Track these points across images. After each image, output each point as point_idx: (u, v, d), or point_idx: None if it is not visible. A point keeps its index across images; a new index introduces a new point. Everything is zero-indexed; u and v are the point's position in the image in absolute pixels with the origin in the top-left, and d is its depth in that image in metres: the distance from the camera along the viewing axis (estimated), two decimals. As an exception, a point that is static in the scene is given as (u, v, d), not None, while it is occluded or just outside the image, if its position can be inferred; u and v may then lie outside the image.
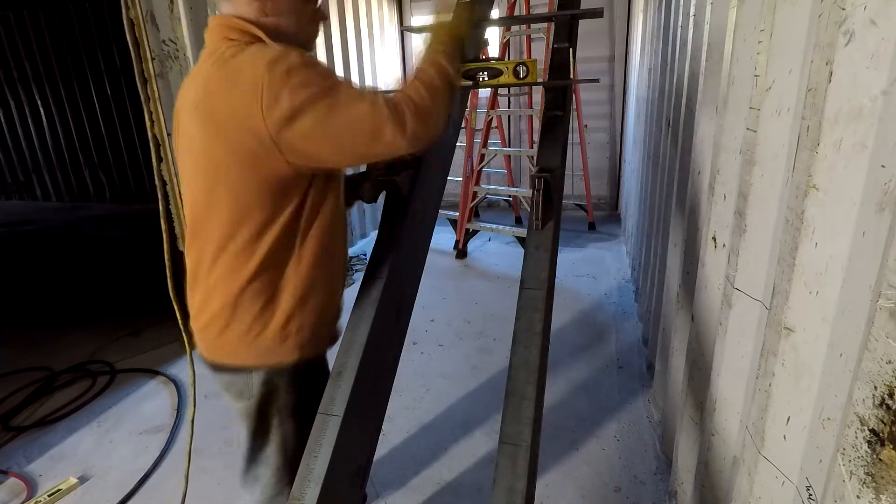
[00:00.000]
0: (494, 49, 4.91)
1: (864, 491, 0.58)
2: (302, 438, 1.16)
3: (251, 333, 1.09)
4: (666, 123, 2.24)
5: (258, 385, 1.14)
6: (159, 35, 2.53)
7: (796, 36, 0.86)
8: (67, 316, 3.58)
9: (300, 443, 1.17)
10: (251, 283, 1.06)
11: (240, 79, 0.93)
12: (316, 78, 0.94)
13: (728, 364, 1.15)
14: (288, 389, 1.16)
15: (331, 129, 0.94)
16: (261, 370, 1.13)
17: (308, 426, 1.16)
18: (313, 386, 1.19)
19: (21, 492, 1.99)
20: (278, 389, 1.15)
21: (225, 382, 1.18)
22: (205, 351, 1.18)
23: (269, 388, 1.15)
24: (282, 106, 0.91)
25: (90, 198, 7.45)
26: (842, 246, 0.71)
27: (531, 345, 1.00)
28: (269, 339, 1.10)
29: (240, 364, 1.14)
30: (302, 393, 1.18)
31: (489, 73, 1.23)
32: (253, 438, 1.21)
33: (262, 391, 1.14)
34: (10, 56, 7.05)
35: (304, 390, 1.18)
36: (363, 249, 4.69)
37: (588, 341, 2.92)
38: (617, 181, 5.49)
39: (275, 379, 1.14)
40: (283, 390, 1.16)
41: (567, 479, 1.93)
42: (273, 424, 1.19)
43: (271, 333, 1.10)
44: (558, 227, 1.19)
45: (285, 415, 1.18)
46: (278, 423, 1.18)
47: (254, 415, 1.17)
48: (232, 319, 1.09)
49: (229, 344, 1.12)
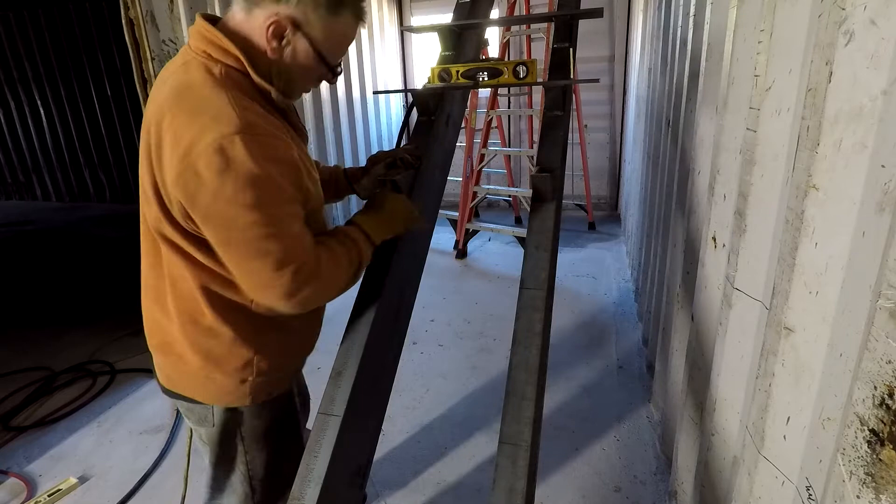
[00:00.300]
0: (494, 49, 4.91)
1: (864, 491, 0.58)
2: (272, 466, 1.15)
3: (203, 372, 1.03)
4: (666, 123, 2.24)
5: (220, 413, 1.08)
6: (159, 35, 2.53)
7: (796, 36, 0.86)
8: (67, 316, 3.58)
9: (271, 472, 1.15)
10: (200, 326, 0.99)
11: (180, 141, 0.82)
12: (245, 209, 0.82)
13: (728, 364, 1.15)
14: (254, 416, 1.10)
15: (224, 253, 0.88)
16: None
17: (280, 453, 1.16)
18: (283, 412, 1.15)
19: (21, 492, 1.99)
20: (243, 416, 1.09)
21: (184, 408, 1.11)
22: (160, 377, 1.11)
23: (233, 415, 1.09)
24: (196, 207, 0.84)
25: (90, 198, 7.44)
26: (842, 246, 0.70)
27: (531, 345, 1.00)
28: (222, 381, 1.03)
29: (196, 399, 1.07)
30: (270, 419, 1.12)
31: (489, 73, 1.23)
32: (216, 466, 1.14)
33: (224, 418, 1.09)
34: (10, 56, 7.05)
35: (273, 416, 1.13)
36: (363, 249, 4.69)
37: (588, 341, 2.92)
38: (617, 181, 5.49)
39: (239, 406, 1.08)
40: (249, 416, 1.10)
41: (567, 479, 1.93)
42: (238, 452, 1.12)
43: (227, 378, 1.03)
44: (558, 227, 1.19)
45: (251, 442, 1.11)
46: (243, 451, 1.12)
47: (216, 442, 1.11)
48: (185, 353, 1.02)
49: (184, 378, 1.06)
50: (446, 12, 5.07)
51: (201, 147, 0.80)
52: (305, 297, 0.90)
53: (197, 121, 0.82)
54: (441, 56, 1.54)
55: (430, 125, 1.40)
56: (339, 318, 1.21)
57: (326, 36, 0.92)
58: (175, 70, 0.92)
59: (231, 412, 1.08)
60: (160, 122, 0.85)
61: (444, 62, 1.50)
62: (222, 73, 0.88)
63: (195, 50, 0.91)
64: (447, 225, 4.61)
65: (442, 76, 1.38)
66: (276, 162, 0.85)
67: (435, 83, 1.39)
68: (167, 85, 0.89)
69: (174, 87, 0.87)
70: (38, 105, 7.23)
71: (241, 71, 0.90)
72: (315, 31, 0.90)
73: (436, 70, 1.39)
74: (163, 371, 1.10)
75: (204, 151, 0.80)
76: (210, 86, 0.85)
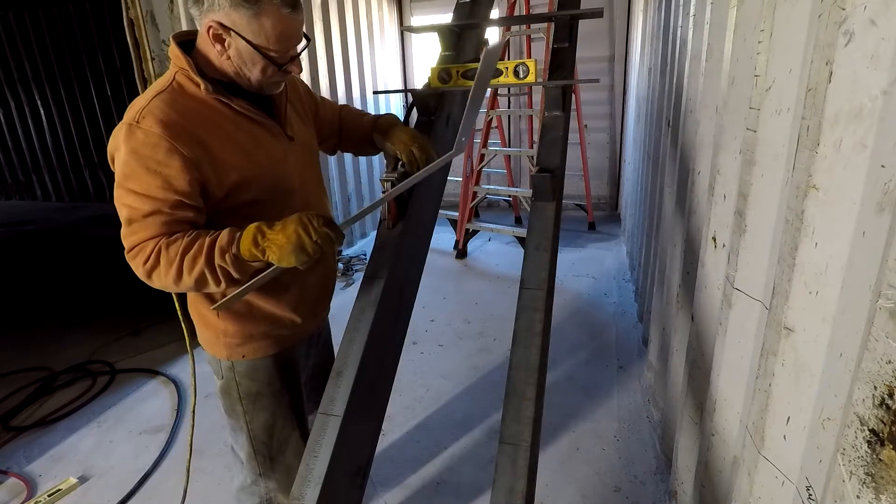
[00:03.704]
0: (494, 49, 4.90)
1: (864, 491, 0.58)
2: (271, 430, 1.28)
3: (198, 324, 1.23)
4: (666, 123, 2.24)
5: (225, 368, 1.24)
6: (159, 35, 2.53)
7: (796, 36, 0.86)
8: (67, 316, 3.58)
9: (272, 436, 1.29)
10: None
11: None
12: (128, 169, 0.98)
13: (728, 364, 1.15)
14: (248, 377, 1.23)
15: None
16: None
17: (276, 419, 1.28)
18: (275, 378, 1.26)
19: (21, 492, 1.99)
20: (240, 376, 1.23)
21: (207, 358, 1.28)
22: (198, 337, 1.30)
23: (232, 373, 1.23)
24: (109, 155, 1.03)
25: (90, 198, 7.45)
26: (842, 246, 0.70)
27: (531, 345, 1.00)
28: (207, 334, 1.22)
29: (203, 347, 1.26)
30: (264, 385, 1.24)
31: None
32: (228, 417, 1.29)
33: (227, 375, 1.24)
34: (10, 56, 7.05)
35: (267, 383, 1.24)
36: (363, 249, 4.69)
37: (588, 341, 2.92)
38: (617, 181, 5.49)
39: (235, 366, 1.23)
40: (244, 377, 1.23)
41: (567, 479, 1.93)
42: (239, 411, 1.26)
43: (208, 331, 1.22)
44: (558, 227, 1.19)
45: (248, 402, 1.25)
46: (243, 412, 1.25)
47: (223, 396, 1.27)
48: (192, 305, 1.23)
49: (199, 332, 1.25)
50: (446, 12, 5.06)
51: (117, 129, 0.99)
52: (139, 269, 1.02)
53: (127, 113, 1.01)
54: (441, 56, 1.53)
55: (430, 125, 1.40)
56: (339, 318, 1.21)
57: (255, 30, 0.98)
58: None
59: (230, 370, 1.23)
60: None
61: (444, 62, 1.50)
62: (175, 79, 1.04)
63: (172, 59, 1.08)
64: (447, 225, 4.61)
65: (442, 76, 1.38)
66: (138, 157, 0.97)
67: (435, 84, 1.39)
68: None
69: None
70: (38, 105, 7.23)
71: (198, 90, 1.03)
72: (244, 28, 0.97)
73: (436, 70, 1.39)
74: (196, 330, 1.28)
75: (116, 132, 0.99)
76: (154, 89, 1.03)
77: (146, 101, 0.99)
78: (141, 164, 0.96)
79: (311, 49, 4.09)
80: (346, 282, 3.98)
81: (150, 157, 0.96)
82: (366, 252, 4.55)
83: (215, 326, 1.19)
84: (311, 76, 4.12)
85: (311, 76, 4.11)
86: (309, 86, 1.36)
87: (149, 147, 0.96)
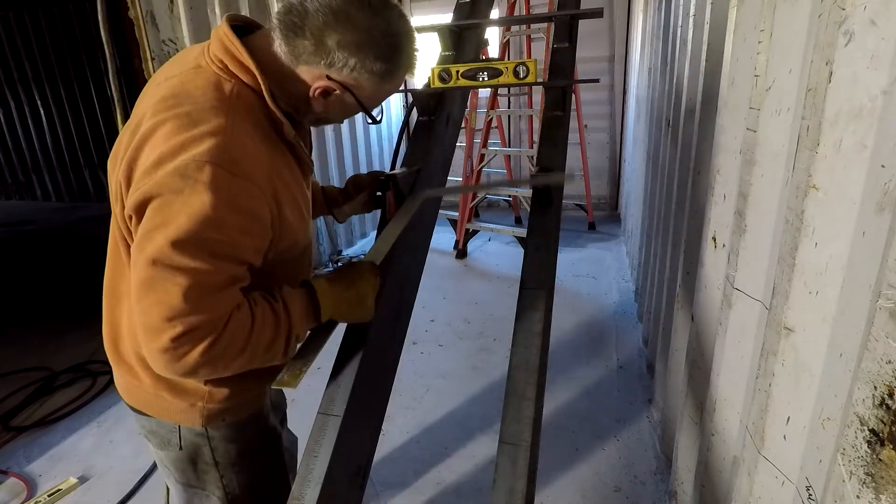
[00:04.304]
0: (494, 49, 4.91)
1: (864, 491, 0.58)
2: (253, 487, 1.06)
3: (156, 389, 0.94)
4: (666, 123, 2.24)
5: (190, 435, 0.98)
6: (159, 35, 2.53)
7: (796, 36, 0.86)
8: (67, 316, 3.58)
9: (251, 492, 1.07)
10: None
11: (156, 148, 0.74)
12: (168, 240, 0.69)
13: (728, 364, 1.15)
14: (227, 440, 1.01)
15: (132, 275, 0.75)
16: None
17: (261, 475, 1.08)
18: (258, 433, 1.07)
19: (21, 492, 1.99)
20: (214, 440, 0.99)
21: (145, 428, 1.01)
22: (119, 390, 1.01)
23: (204, 439, 0.99)
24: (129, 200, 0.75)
25: (90, 198, 7.44)
26: (842, 246, 0.70)
27: (531, 345, 1.00)
28: (178, 404, 0.95)
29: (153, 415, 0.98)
30: (245, 441, 1.04)
31: (489, 73, 1.23)
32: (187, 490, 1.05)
33: (194, 441, 0.99)
34: (10, 56, 7.05)
35: (248, 438, 1.04)
36: (363, 249, 4.70)
37: (588, 341, 2.92)
38: (617, 181, 5.49)
39: (210, 431, 0.98)
40: (223, 441, 1.00)
41: (567, 479, 1.93)
42: (210, 478, 1.03)
43: (179, 400, 0.94)
44: (558, 227, 1.19)
45: (226, 466, 1.02)
46: (218, 476, 1.02)
47: (184, 467, 1.02)
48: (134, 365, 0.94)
49: (139, 393, 0.96)
50: (446, 12, 5.06)
51: (171, 164, 0.72)
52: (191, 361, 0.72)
53: (181, 135, 0.73)
54: (441, 56, 1.53)
55: (430, 125, 1.40)
56: (339, 318, 1.21)
57: (375, 96, 0.88)
58: (183, 72, 0.82)
59: (200, 436, 0.98)
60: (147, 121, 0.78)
61: (444, 62, 1.50)
62: (233, 91, 0.79)
63: (212, 57, 0.82)
64: (447, 225, 4.61)
65: (442, 76, 1.37)
66: (236, 210, 0.74)
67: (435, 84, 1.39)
68: (169, 84, 0.81)
69: (175, 90, 0.79)
70: (38, 105, 7.22)
71: (256, 92, 0.81)
72: (365, 92, 0.85)
73: (436, 70, 1.39)
74: (119, 383, 1.01)
75: (172, 168, 0.71)
76: (212, 103, 0.77)
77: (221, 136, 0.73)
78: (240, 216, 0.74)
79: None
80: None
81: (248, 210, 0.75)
82: (366, 252, 4.54)
83: (195, 393, 0.94)
84: (311, 76, 4.11)
85: (311, 76, 4.09)
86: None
87: (247, 198, 0.74)
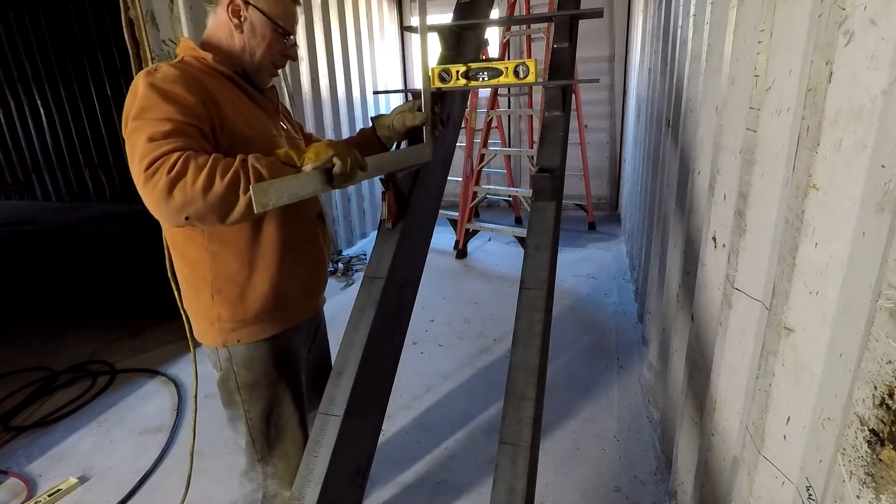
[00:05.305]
0: (494, 49, 4.91)
1: (864, 491, 0.58)
2: (268, 418, 1.30)
3: (193, 316, 1.25)
4: (666, 123, 2.24)
5: (223, 360, 1.24)
6: (159, 35, 2.53)
7: (796, 36, 0.86)
8: (67, 316, 3.58)
9: (269, 424, 1.31)
10: (180, 272, 1.22)
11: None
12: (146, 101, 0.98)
13: (728, 364, 1.15)
14: (245, 368, 1.24)
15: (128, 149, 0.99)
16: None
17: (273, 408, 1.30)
18: (274, 370, 1.27)
19: (21, 492, 1.99)
20: (236, 367, 1.24)
21: (206, 351, 1.29)
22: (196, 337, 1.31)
23: (230, 364, 1.24)
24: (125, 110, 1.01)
25: (90, 198, 7.45)
26: (842, 246, 0.71)
27: (531, 345, 1.00)
28: (200, 324, 1.23)
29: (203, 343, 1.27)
30: (261, 375, 1.25)
31: (489, 73, 1.23)
32: (226, 407, 1.30)
33: (224, 366, 1.25)
34: (10, 56, 7.06)
35: (264, 373, 1.25)
36: (363, 249, 4.69)
37: (588, 341, 2.92)
38: (617, 181, 5.49)
39: (232, 356, 1.23)
40: (241, 368, 1.24)
41: (567, 479, 1.93)
42: (237, 401, 1.27)
43: (201, 319, 1.23)
44: (558, 227, 1.19)
45: (245, 392, 1.26)
46: (241, 401, 1.27)
47: (221, 387, 1.28)
48: (185, 300, 1.25)
49: (197, 329, 1.26)
50: (446, 12, 5.06)
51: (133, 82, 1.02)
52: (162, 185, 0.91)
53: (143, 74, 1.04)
54: (441, 56, 1.53)
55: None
56: (339, 318, 1.21)
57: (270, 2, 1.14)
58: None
59: (228, 360, 1.23)
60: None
61: (444, 62, 1.50)
62: (183, 59, 1.12)
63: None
64: (447, 225, 4.61)
65: (442, 76, 1.37)
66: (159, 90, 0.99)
67: (435, 84, 1.39)
68: None
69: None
70: (38, 105, 7.23)
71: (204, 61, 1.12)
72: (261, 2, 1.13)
73: (436, 70, 1.39)
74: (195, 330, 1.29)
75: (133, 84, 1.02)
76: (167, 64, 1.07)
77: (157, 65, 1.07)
78: (160, 95, 0.99)
79: (312, 49, 4.08)
80: (346, 282, 3.98)
81: (168, 89, 1.00)
82: (366, 252, 4.55)
83: (208, 314, 1.20)
84: (311, 76, 4.11)
85: (311, 76, 4.10)
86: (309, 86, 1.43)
87: (168, 81, 1.01)
